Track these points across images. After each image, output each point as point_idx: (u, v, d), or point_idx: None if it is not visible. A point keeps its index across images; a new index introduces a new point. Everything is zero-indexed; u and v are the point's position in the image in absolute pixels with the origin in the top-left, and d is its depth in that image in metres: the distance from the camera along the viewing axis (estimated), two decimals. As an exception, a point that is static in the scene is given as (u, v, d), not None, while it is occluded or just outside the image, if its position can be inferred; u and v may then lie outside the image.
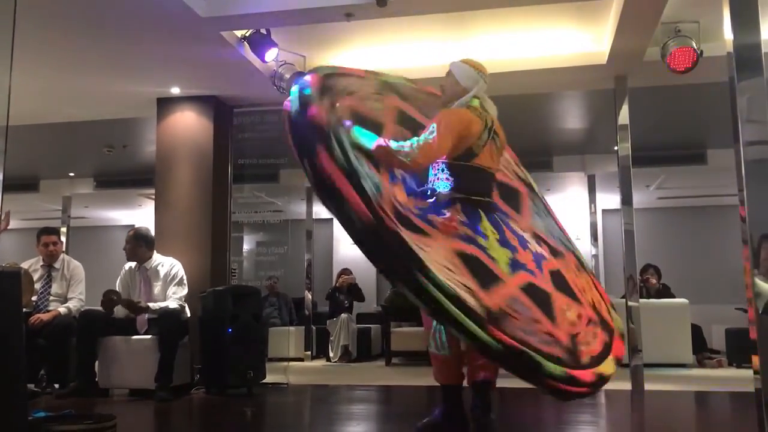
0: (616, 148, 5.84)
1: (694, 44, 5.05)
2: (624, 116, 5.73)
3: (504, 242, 3.02)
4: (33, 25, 4.68)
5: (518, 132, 7.90)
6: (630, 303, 5.47)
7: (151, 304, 5.18)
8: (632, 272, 5.56)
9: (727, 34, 2.62)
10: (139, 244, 5.40)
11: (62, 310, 5.36)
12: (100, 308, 5.22)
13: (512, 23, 5.30)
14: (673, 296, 7.91)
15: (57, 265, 5.60)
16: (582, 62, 5.58)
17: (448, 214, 3.04)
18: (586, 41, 5.53)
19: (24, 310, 4.16)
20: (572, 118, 7.84)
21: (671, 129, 8.05)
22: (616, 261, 9.49)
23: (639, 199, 8.74)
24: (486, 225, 3.06)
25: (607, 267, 10.58)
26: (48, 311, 5.33)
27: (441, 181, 3.23)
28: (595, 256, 9.48)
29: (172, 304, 5.20)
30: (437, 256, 2.68)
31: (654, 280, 7.88)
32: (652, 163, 8.51)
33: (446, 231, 2.93)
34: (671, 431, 3.87)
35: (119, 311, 5.22)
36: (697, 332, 7.55)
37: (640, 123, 6.12)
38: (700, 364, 7.46)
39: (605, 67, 5.52)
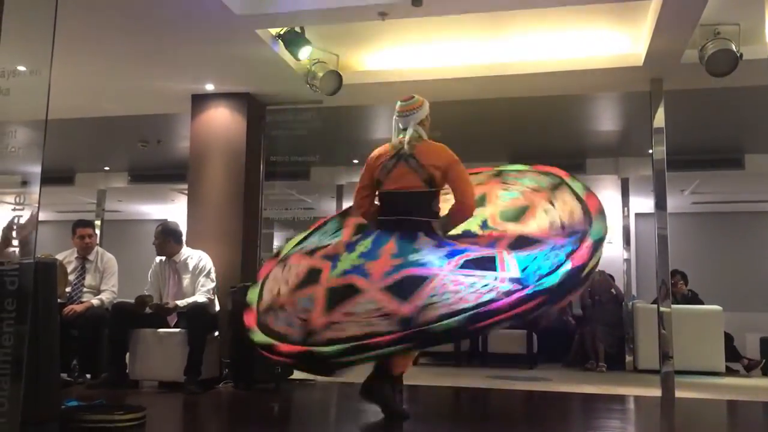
0: (650, 151, 5.76)
1: (734, 47, 4.96)
2: (659, 119, 5.65)
3: (366, 254, 3.67)
4: (72, 22, 4.75)
5: (551, 133, 7.92)
6: (662, 308, 5.39)
7: (178, 302, 5.23)
8: (665, 278, 5.48)
9: (769, 36, 2.57)
10: (167, 239, 5.46)
11: (95, 302, 5.44)
12: (132, 301, 5.30)
13: (547, 23, 5.25)
14: (701, 302, 7.79)
15: (91, 257, 5.69)
16: (618, 64, 5.51)
17: (338, 239, 4.07)
18: (623, 43, 5.45)
19: (58, 301, 4.24)
20: (606, 120, 7.75)
21: (708, 133, 7.91)
22: (648, 266, 9.35)
23: (673, 203, 8.61)
24: (365, 242, 3.78)
25: (639, 272, 10.42)
26: (81, 302, 5.42)
27: None
28: (627, 261, 9.34)
29: (200, 298, 5.25)
30: (286, 277, 3.88)
31: (682, 286, 7.74)
32: (687, 167, 8.38)
33: (323, 253, 3.89)
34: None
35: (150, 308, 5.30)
36: (727, 342, 7.41)
37: (676, 126, 6.02)
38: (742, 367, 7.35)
39: (641, 69, 5.44)
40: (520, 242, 3.68)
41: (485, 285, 3.33)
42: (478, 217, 3.98)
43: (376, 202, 4.04)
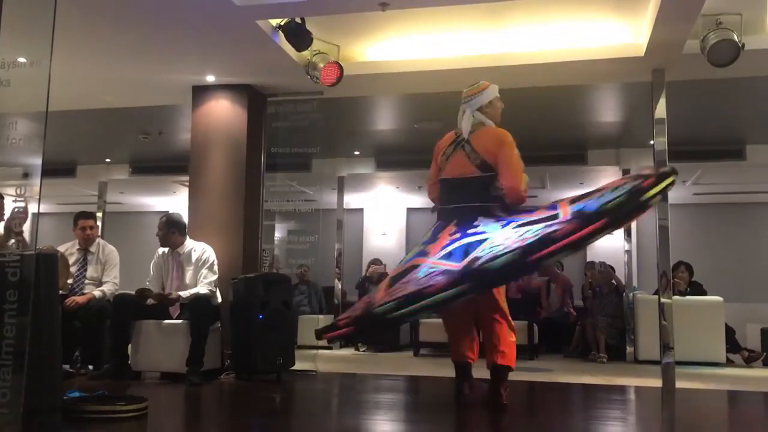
0: (652, 142, 5.75)
1: (736, 37, 4.94)
2: (661, 110, 5.63)
3: (426, 241, 3.85)
4: (72, 13, 4.75)
5: (552, 124, 7.90)
6: (663, 300, 5.40)
7: (181, 293, 5.24)
8: (666, 269, 5.48)
9: (771, 26, 2.56)
10: (171, 231, 5.47)
11: (97, 293, 5.46)
12: (133, 293, 5.32)
13: (549, 13, 5.23)
14: (705, 293, 7.77)
15: (92, 249, 5.69)
16: (619, 54, 5.49)
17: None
18: (624, 33, 5.44)
19: (60, 292, 4.25)
20: (608, 111, 7.73)
21: (709, 123, 7.89)
22: (649, 257, 9.36)
23: (675, 194, 8.57)
24: (427, 235, 3.92)
25: (640, 263, 10.43)
26: (83, 294, 5.43)
27: None
28: (628, 252, 9.33)
29: (202, 289, 5.26)
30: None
31: (679, 282, 7.69)
32: (688, 158, 8.36)
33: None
34: (702, 429, 3.82)
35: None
36: (728, 335, 7.40)
37: (678, 117, 6.00)
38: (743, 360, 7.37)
39: (643, 59, 5.42)
40: (581, 197, 3.66)
41: (544, 226, 3.35)
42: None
43: None
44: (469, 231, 3.61)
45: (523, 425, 3.73)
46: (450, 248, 3.55)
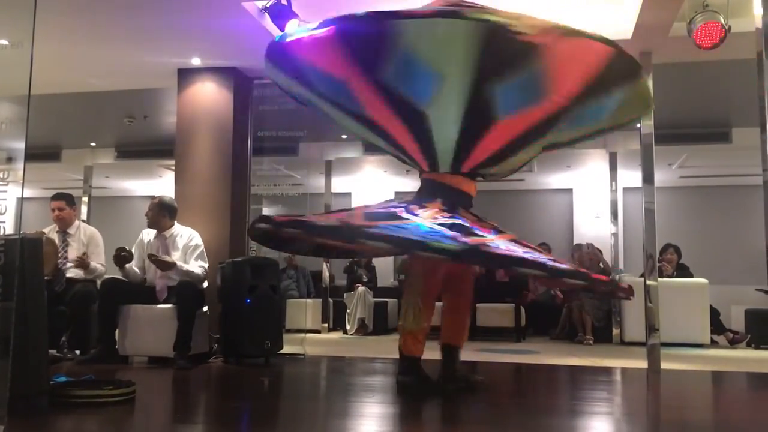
0: (638, 125, 5.76)
1: (722, 19, 4.94)
2: (648, 93, 5.63)
3: None
4: (55, -7, 4.69)
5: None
6: (649, 282, 5.44)
7: (178, 263, 5.22)
8: (652, 251, 5.51)
9: (757, 9, 2.57)
10: (162, 213, 5.44)
11: (98, 265, 5.48)
12: (120, 277, 5.29)
13: (536, -4, 5.21)
14: (691, 276, 7.84)
15: (71, 231, 5.63)
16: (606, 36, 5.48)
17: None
18: (611, 15, 5.42)
19: (46, 278, 4.22)
20: (595, 94, 7.72)
21: (695, 106, 7.91)
22: (636, 240, 9.43)
23: (661, 177, 8.63)
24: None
25: (626, 246, 10.50)
26: (67, 278, 5.39)
27: None
28: (615, 235, 9.39)
29: (196, 269, 5.25)
30: None
31: (667, 267, 7.73)
32: (675, 141, 8.40)
33: None
34: (686, 409, 3.86)
35: (136, 276, 5.29)
36: (713, 316, 7.47)
37: (664, 100, 6.01)
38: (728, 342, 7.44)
39: (630, 42, 5.41)
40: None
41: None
42: None
43: None
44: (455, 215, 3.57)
45: (511, 406, 3.76)
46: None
